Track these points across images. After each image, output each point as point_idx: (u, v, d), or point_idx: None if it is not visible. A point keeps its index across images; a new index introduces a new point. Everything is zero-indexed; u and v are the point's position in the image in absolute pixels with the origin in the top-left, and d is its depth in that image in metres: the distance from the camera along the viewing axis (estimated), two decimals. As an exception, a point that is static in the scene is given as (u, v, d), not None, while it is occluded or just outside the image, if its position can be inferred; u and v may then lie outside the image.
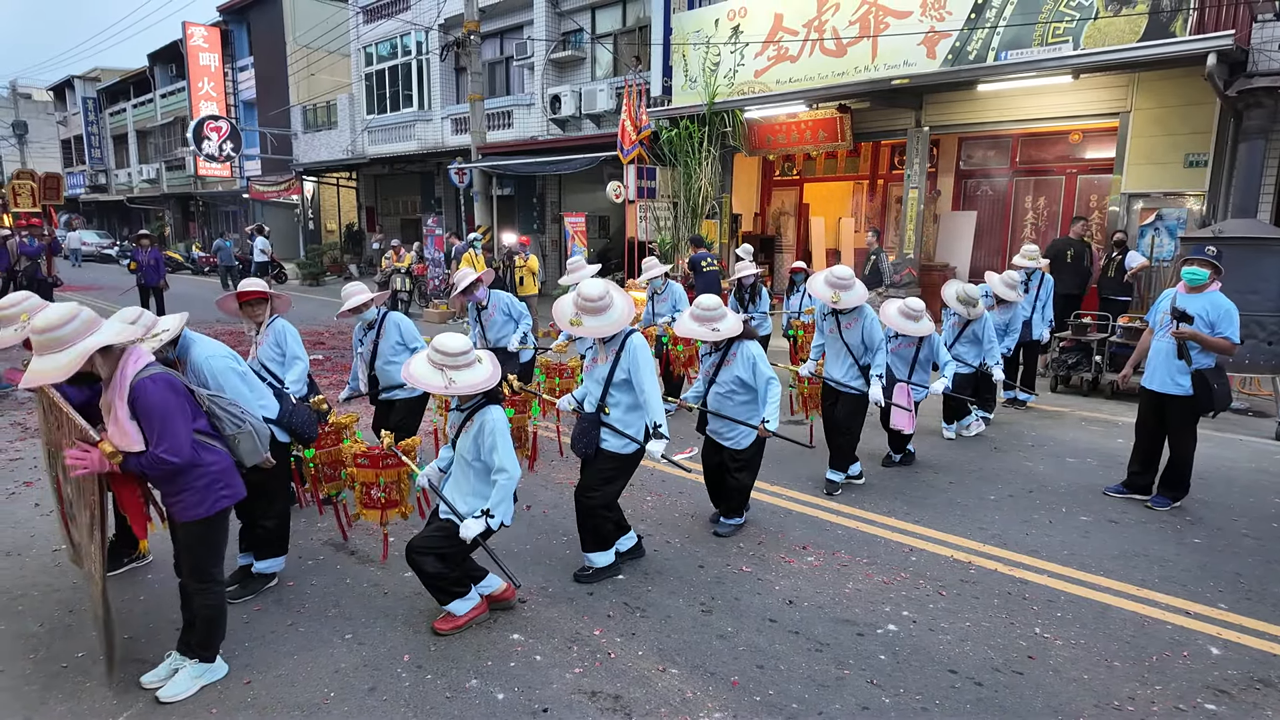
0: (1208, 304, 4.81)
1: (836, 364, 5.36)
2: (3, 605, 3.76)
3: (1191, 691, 3.11)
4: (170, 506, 3.00)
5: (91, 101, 39.11)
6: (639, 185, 13.00)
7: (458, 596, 3.50)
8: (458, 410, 3.46)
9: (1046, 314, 7.91)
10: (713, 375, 4.51)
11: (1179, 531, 4.76)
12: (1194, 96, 9.00)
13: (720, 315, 4.28)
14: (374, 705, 2.97)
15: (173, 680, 3.04)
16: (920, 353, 5.80)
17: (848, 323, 5.25)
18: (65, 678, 3.16)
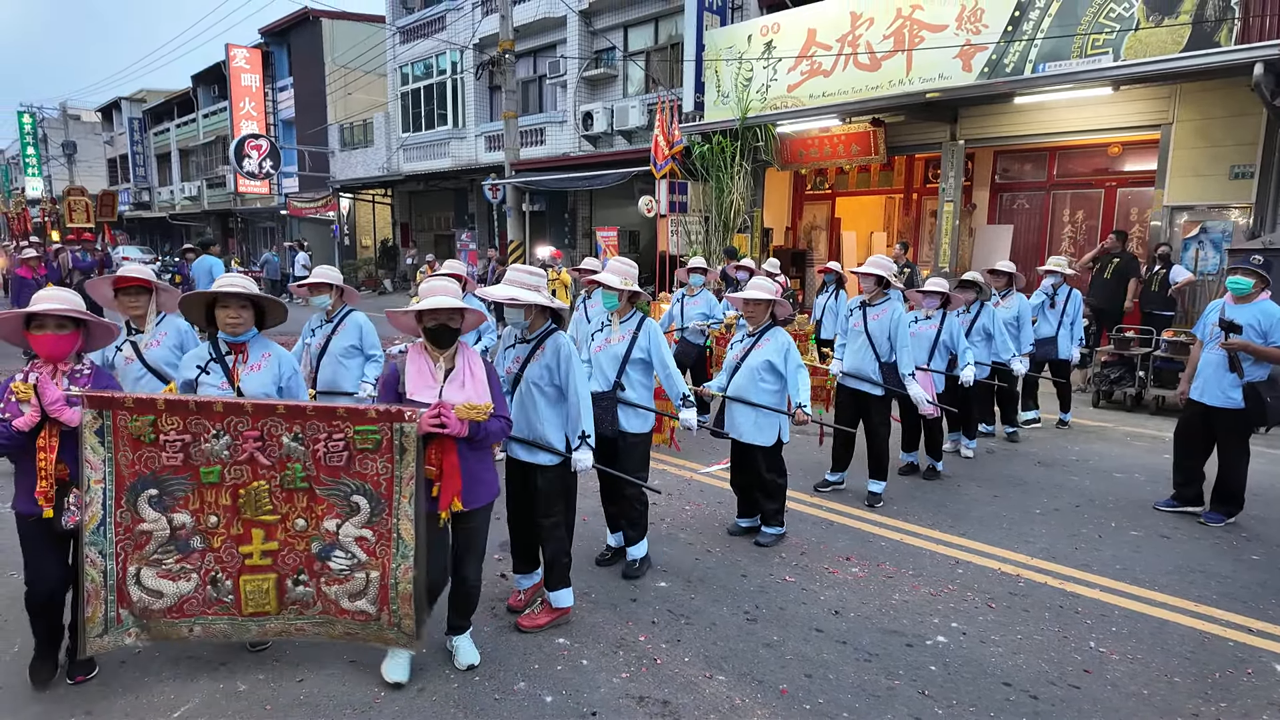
0: (1258, 313, 4.71)
1: (858, 358, 5.31)
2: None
3: (1257, 709, 3.01)
4: (473, 486, 2.99)
5: (137, 122, 40.34)
6: (671, 200, 13.06)
7: (568, 586, 3.62)
8: (521, 343, 3.50)
9: (1076, 331, 7.48)
10: (740, 359, 4.51)
11: (1235, 548, 4.63)
12: (1239, 107, 8.84)
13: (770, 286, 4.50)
14: (423, 706, 2.99)
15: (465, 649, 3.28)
16: (940, 336, 5.84)
17: (875, 314, 5.25)
18: (123, 673, 3.22)
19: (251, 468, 2.76)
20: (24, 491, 2.84)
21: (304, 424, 2.73)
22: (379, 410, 2.72)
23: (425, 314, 2.98)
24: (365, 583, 2.83)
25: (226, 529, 2.80)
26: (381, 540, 2.80)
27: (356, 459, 2.75)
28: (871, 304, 5.30)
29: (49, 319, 2.87)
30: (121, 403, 2.68)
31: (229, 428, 2.72)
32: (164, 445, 2.71)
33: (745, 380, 4.45)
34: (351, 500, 2.78)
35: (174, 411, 2.70)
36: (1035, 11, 9.56)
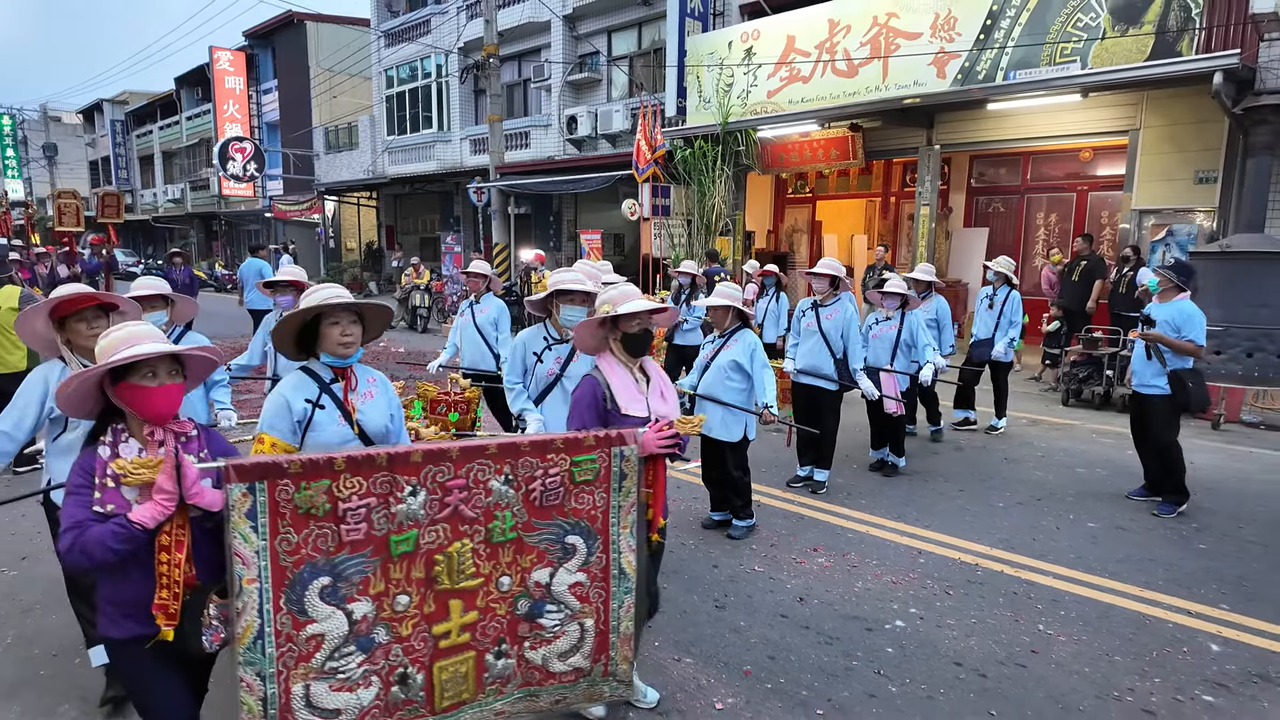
0: (1174, 311, 5.10)
1: (813, 356, 5.54)
2: (53, 598, 3.94)
3: (1190, 684, 3.21)
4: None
5: (119, 124, 40.12)
6: (654, 203, 13.24)
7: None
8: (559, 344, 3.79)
9: (1010, 333, 7.27)
10: (710, 359, 4.67)
11: (1186, 538, 4.85)
12: (1203, 114, 9.13)
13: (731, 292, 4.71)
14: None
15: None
16: (901, 336, 6.04)
17: (828, 314, 5.51)
18: (113, 662, 3.35)
19: (452, 526, 2.21)
20: (125, 608, 2.03)
21: (515, 463, 2.26)
22: (597, 436, 2.39)
23: (625, 319, 2.77)
24: (579, 636, 2.43)
25: (419, 608, 2.19)
26: (597, 581, 2.43)
27: (572, 494, 2.36)
28: (824, 304, 5.57)
29: (159, 364, 2.02)
30: (283, 470, 1.98)
31: (426, 480, 2.14)
32: (343, 517, 2.04)
33: (714, 379, 4.61)
34: (566, 542, 2.37)
35: (357, 470, 2.05)
36: (1006, 20, 9.81)
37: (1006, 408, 7.59)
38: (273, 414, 2.52)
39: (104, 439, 2.04)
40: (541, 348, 3.81)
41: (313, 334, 2.54)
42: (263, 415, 2.55)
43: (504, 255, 17.01)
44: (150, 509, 1.90)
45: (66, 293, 2.85)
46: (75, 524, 1.91)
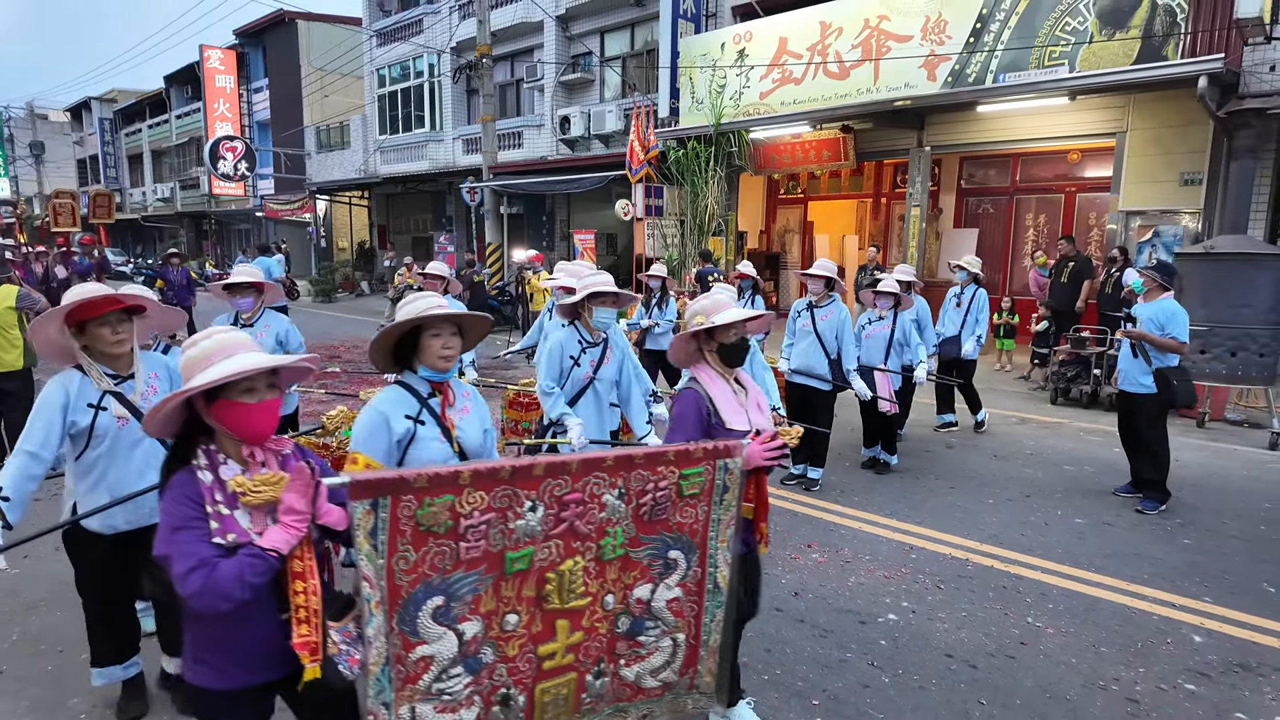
0: (1157, 309, 5.22)
1: (808, 357, 5.63)
2: (59, 594, 3.99)
3: (1173, 674, 3.31)
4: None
5: (108, 122, 39.90)
6: (647, 203, 13.32)
7: None
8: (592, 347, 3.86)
9: (977, 330, 7.35)
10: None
11: (1170, 533, 4.96)
12: (1188, 117, 9.27)
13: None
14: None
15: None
16: (894, 335, 6.13)
17: (823, 315, 5.59)
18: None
19: (565, 542, 2.10)
20: (238, 654, 1.87)
21: (629, 476, 2.17)
22: (705, 449, 2.30)
23: (721, 329, 2.67)
24: (672, 651, 2.35)
25: (527, 628, 2.10)
26: (691, 595, 2.36)
27: (678, 508, 2.27)
28: (819, 305, 5.65)
29: (258, 378, 1.83)
30: (408, 485, 1.84)
31: (545, 495, 2.05)
32: (464, 533, 1.94)
33: None
34: (668, 557, 2.29)
35: (480, 484, 1.94)
36: (995, 24, 9.93)
37: (981, 401, 7.68)
38: (367, 432, 2.35)
39: (197, 462, 1.82)
40: (577, 351, 3.83)
41: (409, 346, 2.39)
42: (355, 433, 2.40)
43: (497, 255, 17.05)
44: (282, 533, 1.73)
45: (85, 295, 2.59)
46: (201, 562, 1.69)
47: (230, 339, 1.85)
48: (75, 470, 2.78)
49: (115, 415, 2.73)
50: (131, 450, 2.79)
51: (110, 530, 2.79)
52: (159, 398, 2.55)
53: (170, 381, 2.92)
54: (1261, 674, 3.33)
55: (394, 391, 2.43)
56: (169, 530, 1.73)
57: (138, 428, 2.71)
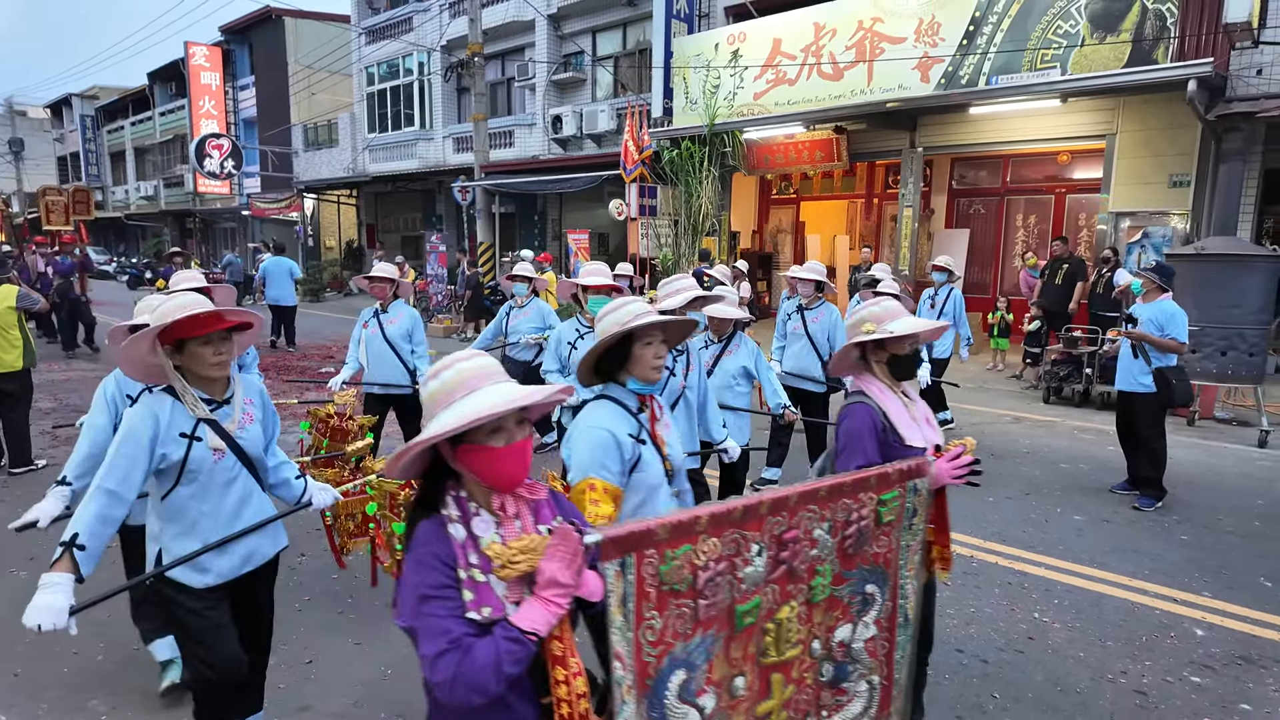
0: (1156, 310, 5.33)
1: (801, 359, 5.66)
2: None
3: (1178, 666, 3.39)
4: None
5: (89, 119, 39.40)
6: (641, 203, 13.35)
7: None
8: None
9: (955, 332, 7.34)
10: (710, 368, 4.53)
11: (1167, 529, 5.05)
12: (1177, 120, 9.42)
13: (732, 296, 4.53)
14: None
15: None
16: None
17: (814, 317, 5.65)
18: (137, 658, 3.39)
19: (780, 586, 1.87)
20: None
21: (835, 506, 1.97)
22: (900, 470, 2.13)
23: (895, 341, 2.45)
24: (869, 695, 2.14)
25: (750, 689, 1.85)
26: (884, 632, 2.15)
27: (874, 537, 2.08)
28: (809, 308, 5.69)
29: (506, 417, 1.51)
30: (652, 537, 1.59)
31: (766, 535, 1.81)
32: (703, 589, 1.68)
33: (720, 385, 4.54)
34: (865, 592, 2.09)
35: (714, 529, 1.70)
36: (988, 27, 10.04)
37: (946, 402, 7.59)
38: (602, 452, 2.11)
39: (448, 512, 1.53)
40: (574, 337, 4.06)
41: (616, 357, 2.19)
42: (583, 454, 2.14)
43: (489, 254, 17.02)
44: (543, 610, 1.42)
45: (189, 309, 2.23)
46: (453, 643, 1.41)
47: (472, 369, 1.53)
48: (161, 512, 2.40)
49: (211, 447, 2.36)
50: (226, 488, 2.42)
51: (203, 583, 2.38)
52: (255, 426, 2.49)
53: (264, 408, 2.56)
54: (1264, 666, 3.41)
55: (607, 408, 2.20)
56: (416, 599, 1.45)
57: (234, 462, 2.42)
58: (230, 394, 2.45)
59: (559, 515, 1.65)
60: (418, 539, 1.51)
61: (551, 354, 4.21)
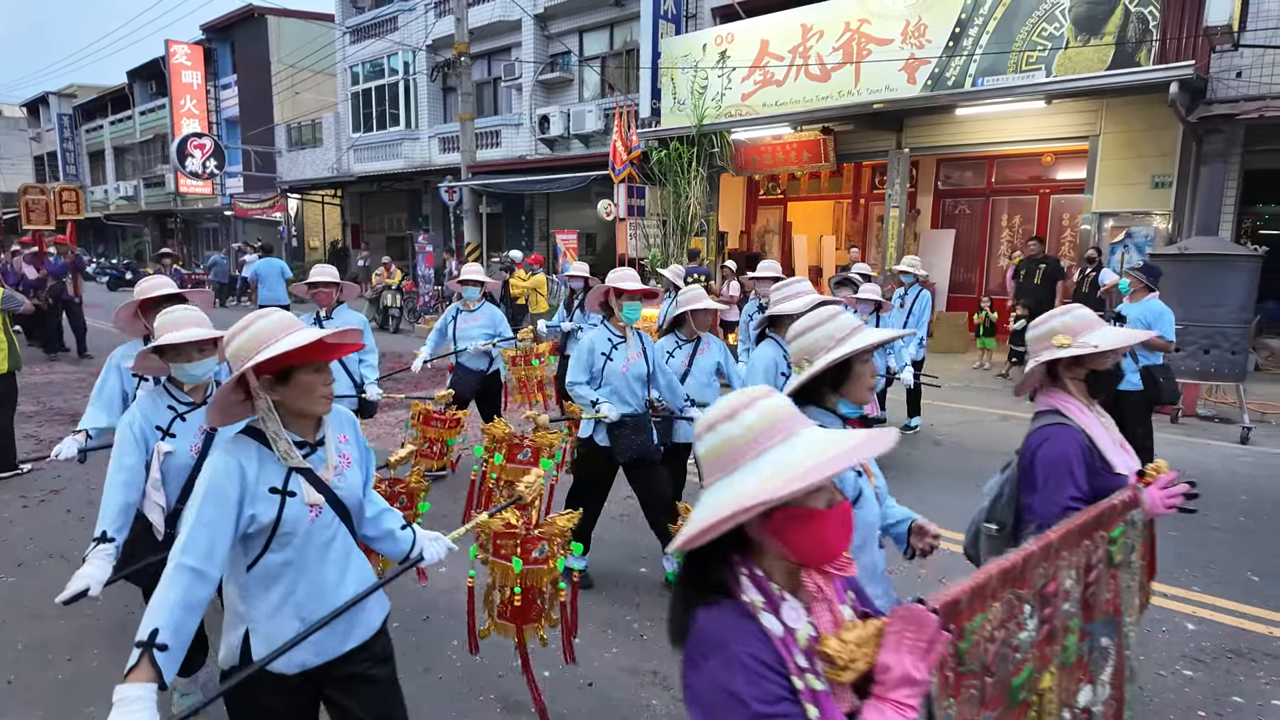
0: (1144, 309, 5.42)
1: None
2: (57, 602, 3.93)
3: (1170, 660, 3.45)
4: None
5: (67, 118, 38.85)
6: (629, 203, 13.37)
7: None
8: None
9: (918, 331, 7.31)
10: (686, 368, 4.53)
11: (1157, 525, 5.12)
12: (1159, 121, 9.56)
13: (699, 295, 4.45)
14: (432, 684, 3.21)
15: None
16: None
17: None
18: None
19: (1040, 651, 1.60)
20: None
21: (1076, 548, 1.72)
22: (1123, 502, 1.90)
23: (1096, 356, 2.17)
24: None
25: None
26: (1115, 689, 1.88)
27: (1106, 581, 1.84)
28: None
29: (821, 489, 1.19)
30: (954, 607, 1.36)
31: (1034, 590, 1.59)
32: (990, 663, 1.44)
33: (697, 384, 4.52)
34: (1101, 645, 1.83)
35: (1003, 587, 1.48)
36: (974, 29, 10.13)
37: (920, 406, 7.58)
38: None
39: (749, 599, 1.19)
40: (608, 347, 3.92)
41: (831, 378, 1.95)
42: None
43: (476, 254, 16.96)
44: (896, 718, 1.14)
45: (291, 329, 1.86)
46: None
47: (780, 410, 1.21)
48: (245, 585, 1.91)
49: (307, 503, 1.90)
50: (325, 550, 1.95)
51: (297, 667, 1.92)
52: (353, 470, 2.02)
53: (359, 445, 2.12)
54: (1253, 659, 3.47)
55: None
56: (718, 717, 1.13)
57: (332, 518, 1.96)
58: (322, 434, 1.99)
59: (849, 589, 1.35)
60: (715, 635, 1.16)
61: (581, 365, 3.93)
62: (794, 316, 3.21)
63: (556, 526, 2.67)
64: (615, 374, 3.98)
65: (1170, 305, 5.54)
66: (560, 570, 2.71)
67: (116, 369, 3.30)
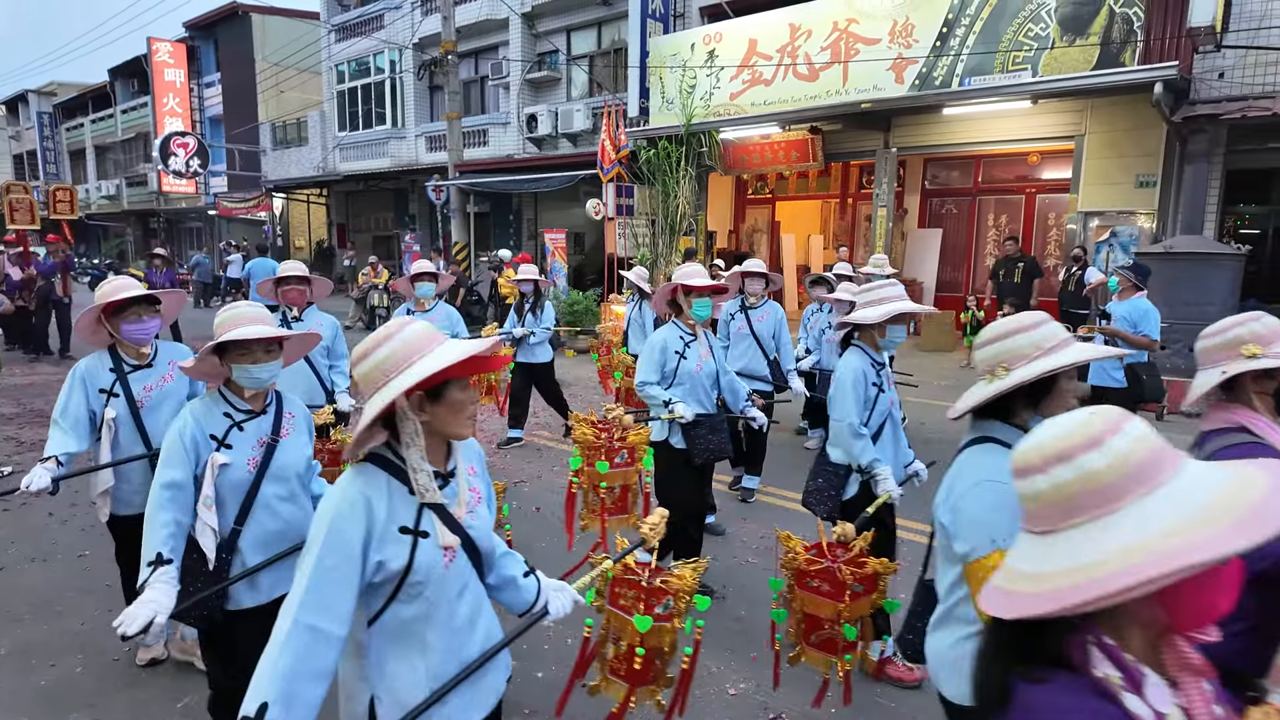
0: (1130, 308, 5.49)
1: (747, 359, 5.51)
2: (41, 607, 3.86)
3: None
4: None
5: (47, 116, 38.38)
6: (618, 203, 13.34)
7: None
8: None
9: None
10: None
11: (1143, 521, 5.17)
12: (1143, 121, 9.64)
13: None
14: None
15: None
16: None
17: (759, 316, 5.52)
18: (118, 669, 3.30)
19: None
20: None
21: None
22: None
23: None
24: None
25: None
26: None
27: None
28: (754, 307, 5.53)
29: None
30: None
31: None
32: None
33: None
34: None
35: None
36: (961, 29, 10.18)
37: None
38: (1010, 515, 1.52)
39: (1105, 675, 0.95)
40: (681, 346, 3.79)
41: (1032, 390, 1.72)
42: (988, 513, 1.66)
43: (465, 254, 16.89)
44: None
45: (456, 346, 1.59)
46: None
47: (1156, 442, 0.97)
48: (370, 643, 1.62)
49: (440, 545, 1.61)
50: (457, 602, 1.67)
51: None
52: (484, 507, 1.77)
53: (485, 477, 1.86)
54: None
55: (1004, 456, 1.59)
56: None
57: (465, 564, 1.69)
58: (453, 464, 1.71)
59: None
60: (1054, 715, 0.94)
61: (653, 365, 3.75)
62: (880, 325, 3.23)
63: (685, 581, 2.29)
64: (689, 373, 3.85)
65: (1155, 303, 5.60)
66: (686, 631, 2.35)
67: (82, 384, 3.01)
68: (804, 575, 2.58)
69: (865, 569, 2.56)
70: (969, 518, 1.72)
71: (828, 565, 2.53)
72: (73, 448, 2.94)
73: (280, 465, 2.41)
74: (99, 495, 3.04)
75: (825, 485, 3.33)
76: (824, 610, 2.55)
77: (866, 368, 3.28)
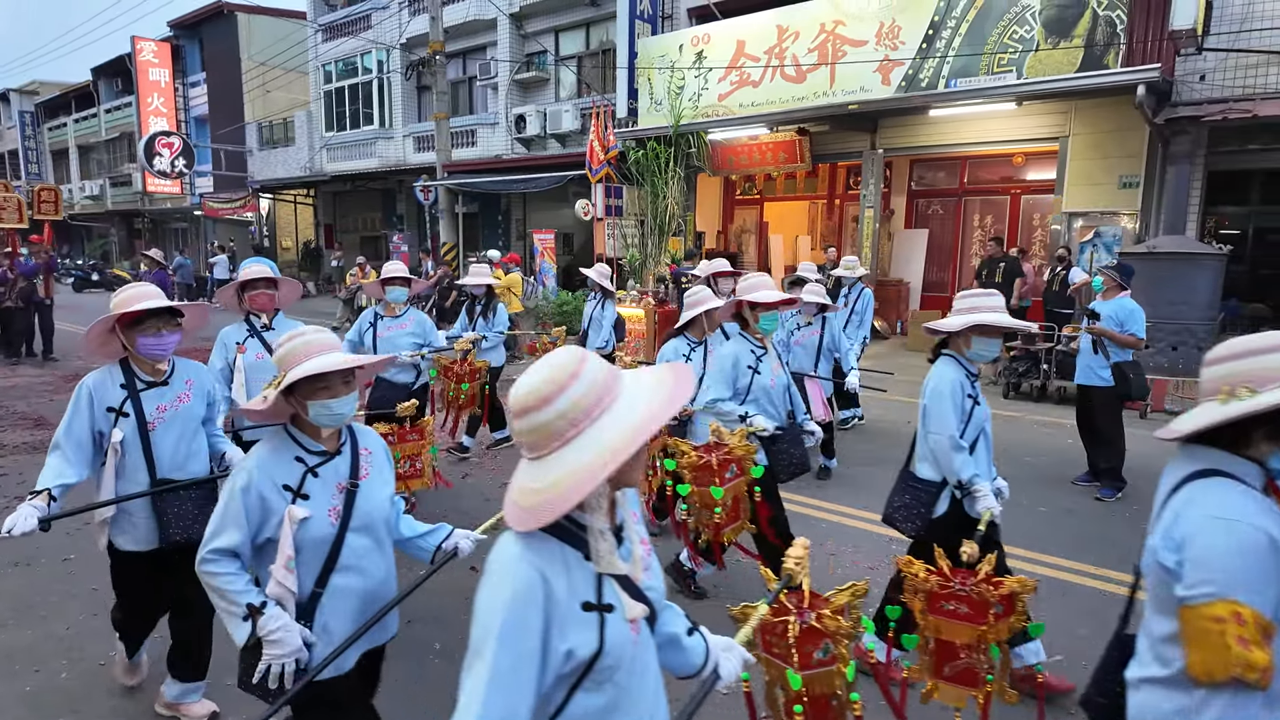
0: (1116, 307, 5.54)
1: None
2: (24, 612, 3.82)
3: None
4: None
5: (29, 115, 37.97)
6: (607, 203, 13.33)
7: None
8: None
9: (862, 331, 7.21)
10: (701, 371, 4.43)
11: (1129, 519, 5.22)
12: (1126, 123, 9.75)
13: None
14: (419, 692, 3.16)
15: None
16: (823, 340, 6.10)
17: None
18: (103, 674, 3.27)
19: None
20: None
21: None
22: None
23: None
24: None
25: None
26: None
27: None
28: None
29: None
30: None
31: None
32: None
33: None
34: None
35: None
36: (947, 31, 10.26)
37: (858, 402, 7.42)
38: (1256, 562, 1.43)
39: None
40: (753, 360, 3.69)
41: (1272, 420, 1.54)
42: (1223, 559, 1.46)
43: (453, 255, 16.84)
44: None
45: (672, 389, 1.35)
46: None
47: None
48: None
49: (627, 618, 1.37)
50: (644, 681, 1.44)
51: None
52: (654, 561, 1.53)
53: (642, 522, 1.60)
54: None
55: (1237, 492, 1.53)
56: None
57: (648, 636, 1.47)
58: (621, 516, 1.44)
59: None
60: None
61: (725, 380, 3.66)
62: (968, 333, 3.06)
63: (841, 623, 1.98)
64: (764, 388, 3.74)
65: (1139, 303, 5.66)
66: (850, 677, 1.99)
67: (89, 402, 2.71)
68: (936, 599, 2.41)
69: (1002, 588, 2.42)
70: (1201, 554, 1.50)
71: (961, 587, 2.38)
72: (70, 479, 2.67)
73: (364, 512, 2.08)
74: (97, 523, 2.81)
75: (913, 502, 3.20)
76: (963, 635, 2.40)
77: (962, 379, 3.13)
